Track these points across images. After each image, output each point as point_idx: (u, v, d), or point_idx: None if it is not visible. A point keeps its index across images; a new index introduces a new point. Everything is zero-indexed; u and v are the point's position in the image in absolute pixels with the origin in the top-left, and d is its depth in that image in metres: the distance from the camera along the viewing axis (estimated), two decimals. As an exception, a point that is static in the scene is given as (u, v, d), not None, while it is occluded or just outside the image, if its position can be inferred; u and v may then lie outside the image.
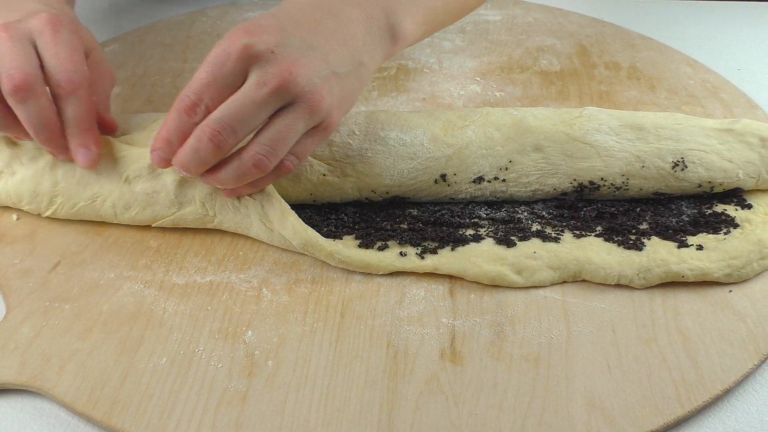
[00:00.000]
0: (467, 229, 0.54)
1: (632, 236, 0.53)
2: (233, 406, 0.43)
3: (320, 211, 0.56)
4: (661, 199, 0.56)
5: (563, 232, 0.53)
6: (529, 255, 0.51)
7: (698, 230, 0.53)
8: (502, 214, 0.55)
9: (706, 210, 0.55)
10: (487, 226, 0.54)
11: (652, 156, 0.55)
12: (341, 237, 0.53)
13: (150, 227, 0.55)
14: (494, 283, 0.50)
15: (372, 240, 0.53)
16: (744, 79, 0.76)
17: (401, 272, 0.51)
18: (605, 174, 0.55)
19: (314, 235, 0.50)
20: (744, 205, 0.56)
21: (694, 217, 0.55)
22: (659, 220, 0.54)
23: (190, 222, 0.54)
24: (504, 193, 0.56)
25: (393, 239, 0.53)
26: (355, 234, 0.54)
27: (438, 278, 0.51)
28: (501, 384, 0.44)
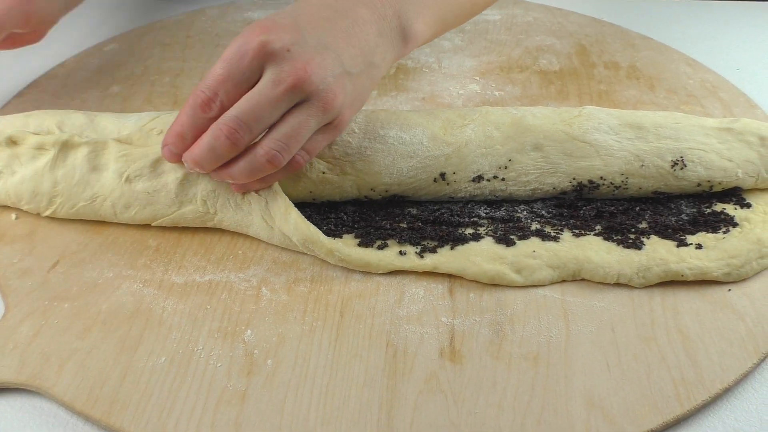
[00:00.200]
0: (466, 228, 0.54)
1: (631, 235, 0.53)
2: (232, 405, 0.43)
3: (320, 210, 0.56)
4: (661, 198, 0.56)
5: (562, 231, 0.53)
6: (529, 254, 0.51)
7: (697, 229, 0.53)
8: (502, 213, 0.55)
9: (706, 209, 0.55)
10: (487, 225, 0.54)
11: (652, 155, 0.55)
12: (341, 236, 0.53)
13: (149, 226, 0.55)
14: (493, 282, 0.50)
15: (371, 239, 0.53)
16: (743, 79, 0.76)
17: (401, 271, 0.51)
18: (604, 173, 0.55)
19: (315, 232, 0.51)
20: (743, 204, 0.56)
21: (694, 216, 0.55)
22: (658, 219, 0.54)
23: (190, 221, 0.54)
24: (503, 192, 0.56)
25: (392, 238, 0.53)
26: (355, 233, 0.54)
27: (437, 277, 0.51)
28: (500, 383, 0.44)
